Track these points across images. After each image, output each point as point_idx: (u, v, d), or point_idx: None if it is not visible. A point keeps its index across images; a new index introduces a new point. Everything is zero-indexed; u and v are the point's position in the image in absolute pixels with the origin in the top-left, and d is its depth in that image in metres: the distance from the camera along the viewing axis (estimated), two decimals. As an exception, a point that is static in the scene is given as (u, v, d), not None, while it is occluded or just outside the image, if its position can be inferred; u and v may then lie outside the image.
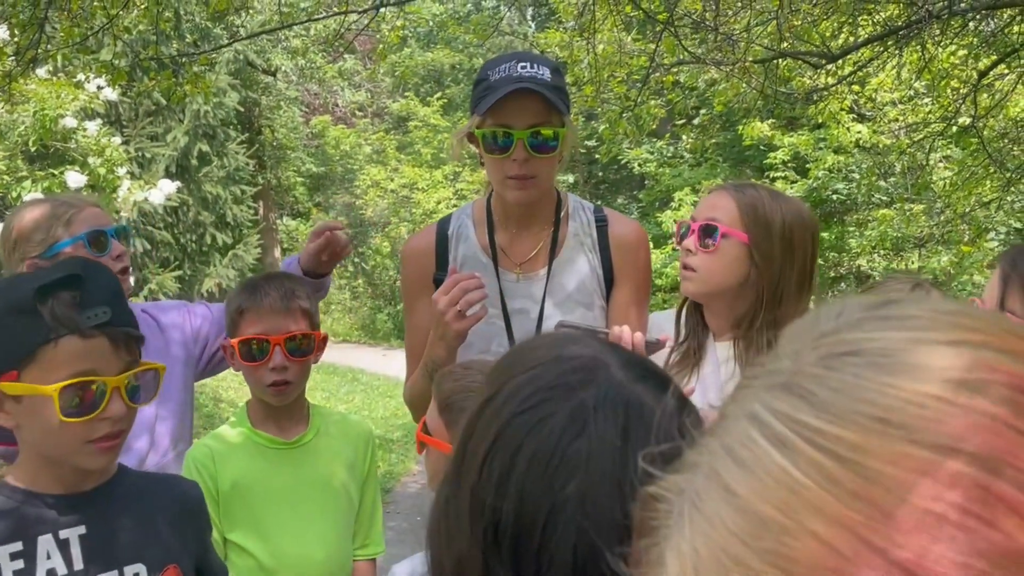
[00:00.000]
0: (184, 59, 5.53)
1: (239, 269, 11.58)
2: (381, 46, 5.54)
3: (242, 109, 12.89)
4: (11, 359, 1.24)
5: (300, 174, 21.59)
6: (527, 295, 1.94)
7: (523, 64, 1.80)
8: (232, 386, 9.55)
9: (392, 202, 19.66)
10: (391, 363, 13.76)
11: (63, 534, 1.31)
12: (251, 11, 9.58)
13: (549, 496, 0.72)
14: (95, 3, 3.99)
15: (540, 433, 0.74)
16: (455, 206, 18.44)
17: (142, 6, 4.64)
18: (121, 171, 7.72)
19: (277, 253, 18.93)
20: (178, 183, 8.26)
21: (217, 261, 11.35)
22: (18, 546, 1.27)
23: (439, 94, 21.90)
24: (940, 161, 10.38)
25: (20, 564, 1.27)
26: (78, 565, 1.31)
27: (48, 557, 1.29)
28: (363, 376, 12.60)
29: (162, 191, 7.73)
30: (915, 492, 0.40)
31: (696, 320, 1.89)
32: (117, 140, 7.73)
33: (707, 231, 1.78)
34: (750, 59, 4.89)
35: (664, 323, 1.99)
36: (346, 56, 17.32)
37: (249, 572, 1.93)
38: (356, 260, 22.10)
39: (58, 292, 1.25)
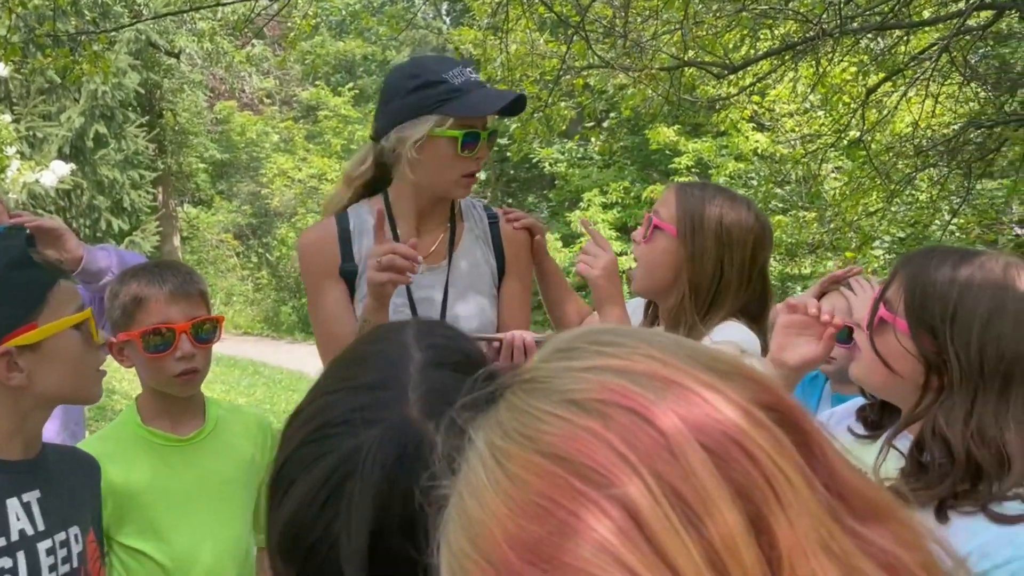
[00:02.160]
0: (83, 37, 5.31)
1: (136, 257, 11.19)
2: (292, 33, 5.46)
3: (143, 91, 12.39)
4: (28, 311, 1.32)
5: (203, 160, 20.92)
6: (431, 285, 2.01)
7: (470, 69, 1.93)
8: (126, 377, 9.22)
9: (299, 192, 19.27)
10: (294, 356, 13.52)
11: (25, 497, 1.37)
12: (155, -11, 9.24)
13: (312, 532, 0.76)
14: (-13, -26, 3.80)
15: (312, 472, 0.77)
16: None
17: (38, -21, 4.44)
18: (10, 150, 7.35)
19: (176, 241, 18.32)
20: (72, 165, 7.92)
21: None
22: None
23: (350, 84, 21.59)
24: (832, 172, 10.91)
25: None
26: (40, 526, 1.38)
27: (18, 519, 1.35)
28: (265, 369, 12.34)
29: (55, 173, 7.41)
30: (529, 489, 0.51)
31: (654, 311, 2.02)
32: (7, 118, 7.35)
33: (648, 223, 1.90)
34: (656, 66, 5.06)
35: (636, 309, 2.11)
36: (255, 42, 16.88)
37: (147, 575, 1.85)
38: (260, 251, 21.57)
39: (33, 243, 1.40)
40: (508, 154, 13.25)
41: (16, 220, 2.09)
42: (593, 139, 12.13)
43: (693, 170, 13.71)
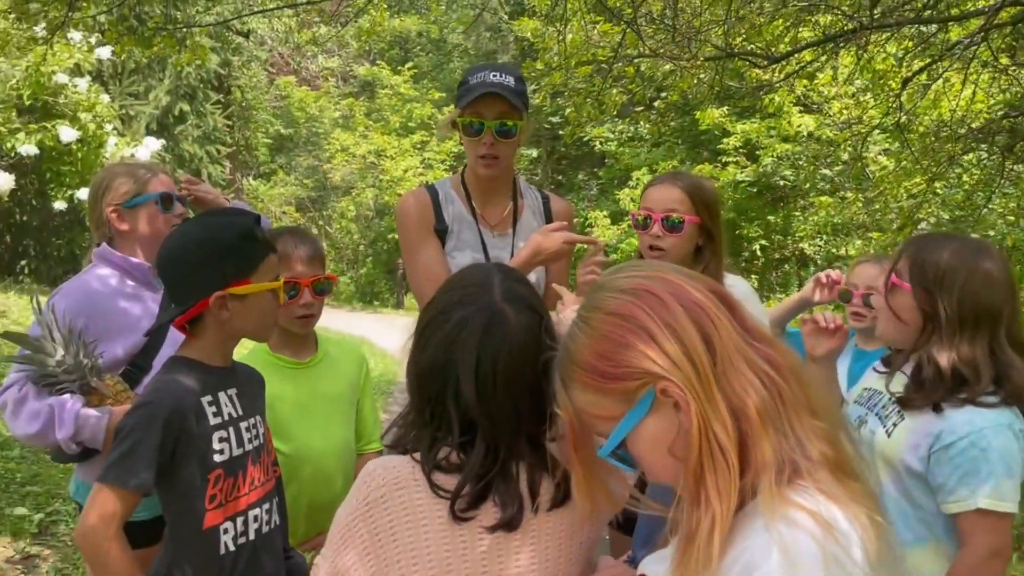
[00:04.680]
0: (186, 29, 5.92)
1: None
2: (368, 24, 6.00)
3: (223, 71, 13.11)
4: (247, 269, 1.86)
5: (268, 135, 21.67)
6: (501, 248, 2.55)
7: (494, 73, 2.45)
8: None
9: (360, 167, 19.89)
10: (354, 323, 14.18)
11: (229, 392, 1.93)
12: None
13: (443, 358, 1.38)
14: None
15: (440, 331, 1.39)
16: (421, 174, 18.80)
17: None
18: (108, 127, 8.06)
19: (243, 213, 19.06)
20: (162, 140, 8.60)
21: (190, 219, 11.64)
22: (210, 398, 1.87)
23: (410, 64, 22.08)
24: (880, 154, 11.12)
25: (214, 409, 1.87)
26: (240, 412, 1.94)
27: (227, 405, 1.91)
28: (329, 334, 12.98)
29: (147, 148, 8.09)
30: (601, 330, 1.14)
31: None
32: (106, 98, 8.04)
33: (670, 220, 2.40)
34: (702, 58, 5.48)
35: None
36: (319, 22, 17.49)
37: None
38: (320, 223, 22.35)
39: (260, 223, 1.90)
40: (561, 132, 13.67)
41: (188, 186, 2.69)
42: (642, 122, 12.47)
43: (741, 151, 13.98)
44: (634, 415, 1.11)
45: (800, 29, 6.38)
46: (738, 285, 2.44)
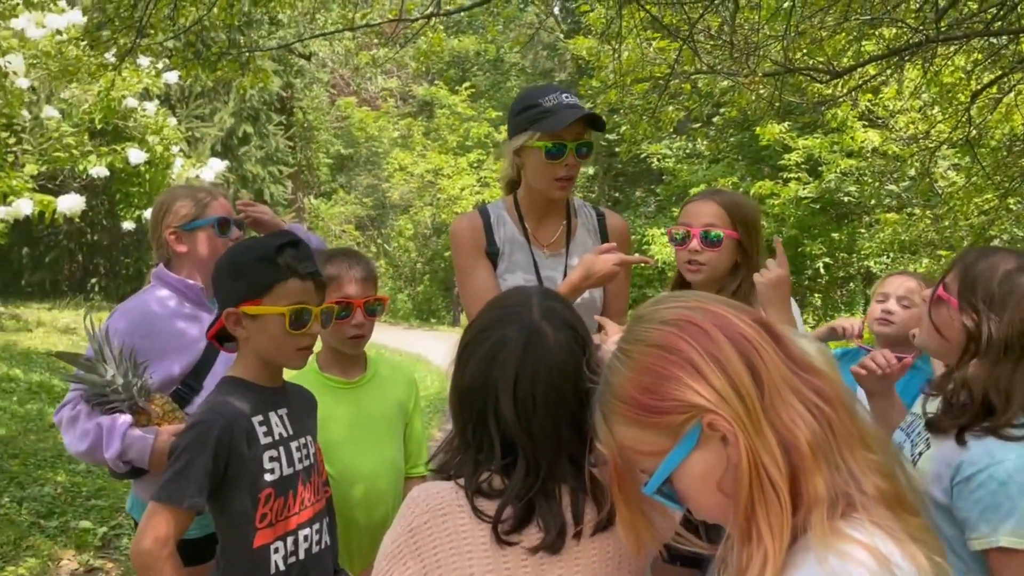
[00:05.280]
0: (249, 53, 6.07)
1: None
2: (425, 47, 6.07)
3: (286, 93, 13.44)
4: (257, 290, 1.86)
5: (329, 155, 22.08)
6: (553, 268, 2.54)
7: (566, 95, 2.43)
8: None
9: (417, 186, 20.13)
10: (411, 340, 14.32)
11: (279, 411, 1.95)
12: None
13: (483, 377, 1.39)
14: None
15: (480, 349, 1.41)
16: (478, 193, 18.94)
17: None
18: (175, 149, 8.32)
19: (304, 231, 19.48)
20: (226, 162, 8.82)
21: (253, 237, 11.95)
22: (260, 418, 1.90)
23: (468, 83, 22.30)
24: (949, 169, 10.77)
25: (265, 428, 1.89)
26: (291, 431, 1.95)
27: (277, 425, 1.93)
28: (386, 352, 13.15)
29: (212, 169, 8.31)
30: (642, 362, 1.09)
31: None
32: (173, 121, 8.29)
33: (708, 236, 2.36)
34: (760, 73, 5.39)
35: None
36: (377, 44, 17.82)
37: None
38: (379, 241, 22.66)
39: (287, 249, 1.88)
40: (617, 150, 13.60)
41: (244, 208, 2.73)
42: (700, 139, 12.32)
43: (803, 166, 13.70)
44: (680, 450, 1.06)
45: (863, 43, 6.23)
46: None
